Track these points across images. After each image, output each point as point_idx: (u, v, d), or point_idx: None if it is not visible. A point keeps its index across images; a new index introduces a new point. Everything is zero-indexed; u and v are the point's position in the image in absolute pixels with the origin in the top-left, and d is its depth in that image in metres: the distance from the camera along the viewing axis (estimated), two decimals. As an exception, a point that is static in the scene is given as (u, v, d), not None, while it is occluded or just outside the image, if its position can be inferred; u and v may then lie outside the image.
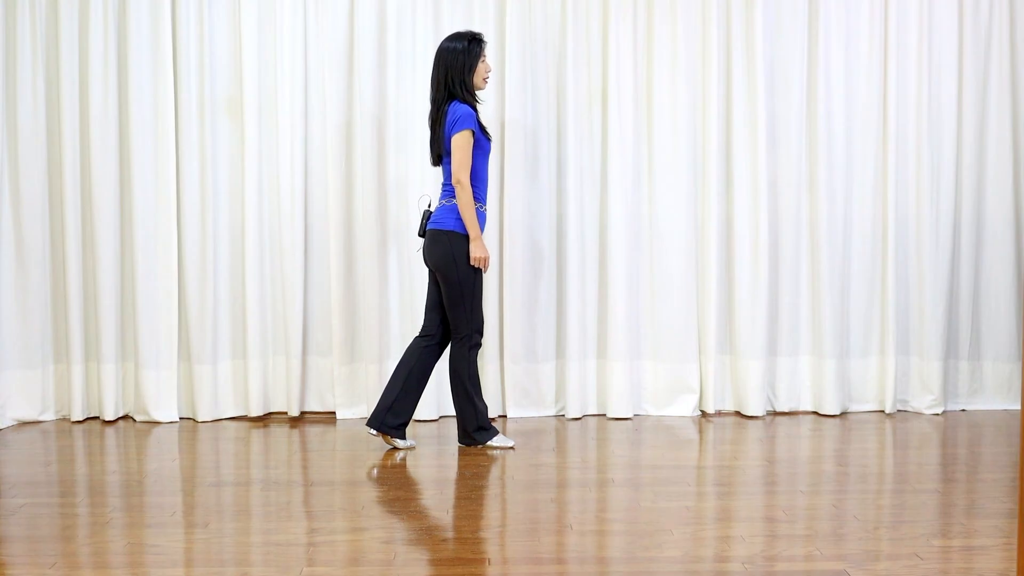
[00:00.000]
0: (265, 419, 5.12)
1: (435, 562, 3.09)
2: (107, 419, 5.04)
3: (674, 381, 5.15)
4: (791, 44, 5.08)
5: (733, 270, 5.14)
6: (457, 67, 4.36)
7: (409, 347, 4.49)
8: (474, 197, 4.34)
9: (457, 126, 4.28)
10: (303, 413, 5.17)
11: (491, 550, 3.20)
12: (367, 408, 5.10)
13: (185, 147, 5.01)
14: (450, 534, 3.35)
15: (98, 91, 4.96)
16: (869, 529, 3.36)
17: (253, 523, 3.49)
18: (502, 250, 5.09)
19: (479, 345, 4.45)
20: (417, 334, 4.56)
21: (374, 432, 4.44)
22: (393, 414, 4.42)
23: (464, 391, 4.43)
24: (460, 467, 4.20)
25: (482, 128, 4.36)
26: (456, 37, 4.42)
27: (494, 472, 4.13)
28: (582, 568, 3.05)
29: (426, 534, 3.35)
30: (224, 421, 5.09)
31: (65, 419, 5.11)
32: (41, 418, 5.08)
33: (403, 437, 4.48)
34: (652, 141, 5.11)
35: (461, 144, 4.28)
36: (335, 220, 5.06)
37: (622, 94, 5.05)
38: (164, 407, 5.05)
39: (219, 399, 5.10)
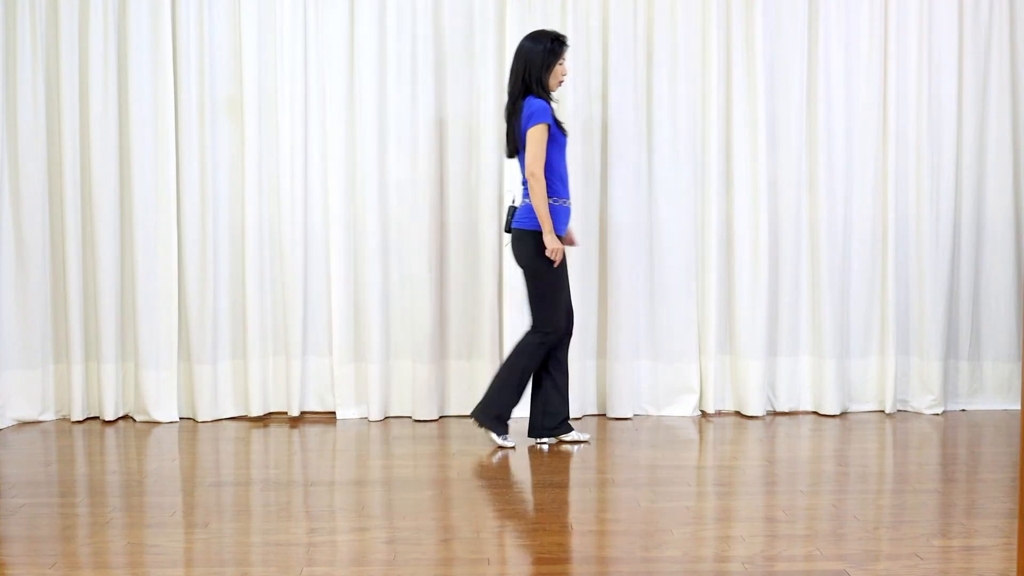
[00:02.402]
0: (265, 419, 5.12)
1: (435, 562, 3.09)
2: (107, 419, 5.04)
3: (674, 381, 5.15)
4: (791, 44, 5.08)
5: (733, 270, 5.13)
6: (536, 64, 4.39)
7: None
8: (554, 192, 4.37)
9: (532, 120, 4.31)
10: (303, 413, 5.17)
11: (491, 550, 3.20)
12: (367, 408, 5.10)
13: (185, 147, 5.01)
14: (450, 534, 3.35)
15: (98, 91, 4.96)
16: (869, 529, 3.36)
17: (253, 523, 3.49)
18: (502, 250, 5.09)
19: (550, 344, 4.44)
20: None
21: (544, 443, 4.54)
22: (549, 416, 4.52)
23: (510, 376, 4.43)
24: (460, 467, 4.21)
25: (558, 123, 4.39)
26: (540, 34, 4.45)
27: (494, 472, 4.14)
28: (582, 568, 3.05)
29: (426, 534, 3.35)
30: (224, 421, 5.09)
31: (65, 419, 5.11)
32: (41, 418, 5.08)
33: (570, 430, 4.55)
34: (652, 141, 5.11)
35: (536, 137, 4.31)
36: (335, 220, 5.06)
37: (622, 94, 5.05)
38: (164, 407, 5.05)
39: (219, 399, 5.10)
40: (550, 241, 4.33)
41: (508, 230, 4.50)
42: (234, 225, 5.10)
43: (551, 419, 4.52)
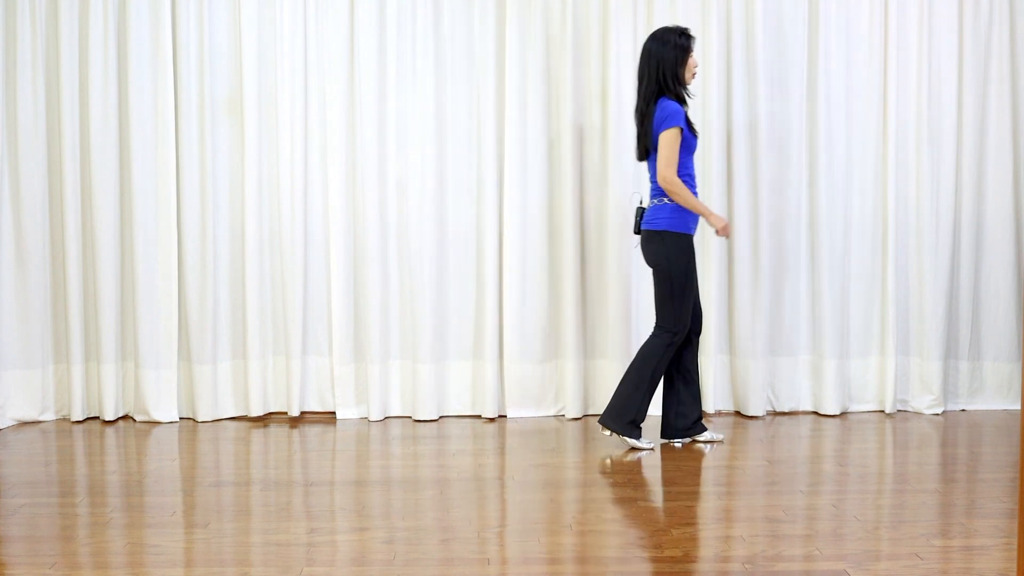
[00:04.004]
0: (265, 419, 5.12)
1: (435, 562, 3.09)
2: (107, 419, 5.05)
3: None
4: (791, 44, 5.08)
5: (733, 270, 5.13)
6: (669, 61, 4.36)
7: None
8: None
9: (666, 123, 4.30)
10: (303, 413, 5.17)
11: (491, 550, 3.20)
12: (367, 408, 5.10)
13: (185, 147, 5.01)
14: (450, 534, 3.35)
15: (98, 91, 4.96)
16: (869, 529, 3.36)
17: (253, 523, 3.49)
18: (502, 250, 5.10)
19: (677, 344, 4.43)
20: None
21: (678, 443, 4.53)
22: (681, 417, 4.52)
23: (638, 380, 4.40)
24: (460, 467, 4.21)
25: (690, 125, 4.38)
26: (664, 32, 4.41)
27: (494, 472, 4.14)
28: (582, 568, 3.05)
29: (426, 534, 3.35)
30: (224, 421, 5.09)
31: (65, 419, 5.12)
32: (41, 418, 5.09)
33: (704, 430, 4.56)
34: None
35: (668, 141, 4.29)
36: (335, 220, 5.06)
37: (621, 93, 5.05)
38: (164, 407, 5.06)
39: (219, 399, 5.11)
40: (715, 220, 4.36)
41: (637, 231, 4.49)
42: (234, 225, 5.10)
43: (683, 420, 4.53)
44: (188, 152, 5.02)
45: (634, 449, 4.47)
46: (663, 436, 4.58)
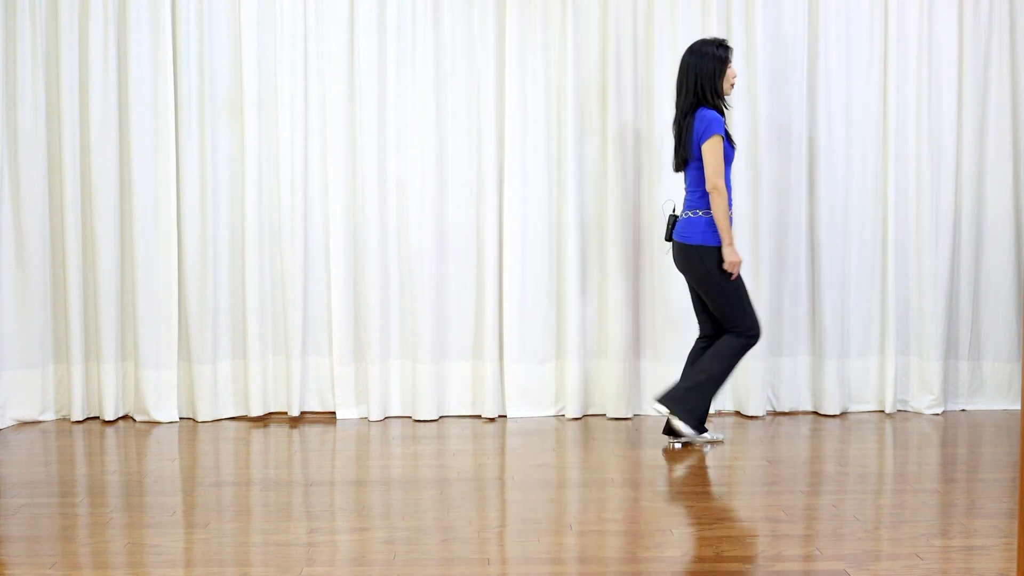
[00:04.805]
0: (265, 419, 5.13)
1: (435, 562, 3.09)
2: (107, 419, 5.05)
3: (674, 381, 5.14)
4: (791, 44, 5.08)
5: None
6: (708, 73, 4.37)
7: (692, 350, 4.57)
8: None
9: (707, 132, 4.29)
10: (303, 413, 5.17)
11: (491, 550, 3.20)
12: (367, 408, 5.10)
13: (185, 147, 5.01)
14: (450, 534, 3.35)
15: (98, 91, 4.96)
16: (869, 529, 3.36)
17: (253, 523, 3.50)
18: (502, 250, 5.09)
19: (752, 346, 4.45)
20: (697, 336, 4.64)
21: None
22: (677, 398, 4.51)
23: (708, 378, 4.40)
24: (460, 467, 4.21)
25: (728, 135, 4.37)
26: (702, 44, 4.42)
27: (494, 472, 4.14)
28: (582, 568, 3.05)
29: (426, 534, 3.35)
30: (224, 421, 5.09)
31: (65, 419, 5.12)
32: (41, 418, 5.09)
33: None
34: (652, 140, 5.11)
35: (714, 150, 4.28)
36: (335, 220, 5.06)
37: (621, 93, 5.05)
38: (164, 407, 5.06)
39: (219, 399, 5.11)
40: (729, 254, 4.31)
41: (668, 239, 4.50)
42: (234, 225, 5.10)
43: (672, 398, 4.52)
44: (188, 152, 5.02)
45: (709, 443, 4.53)
46: (665, 432, 4.58)
